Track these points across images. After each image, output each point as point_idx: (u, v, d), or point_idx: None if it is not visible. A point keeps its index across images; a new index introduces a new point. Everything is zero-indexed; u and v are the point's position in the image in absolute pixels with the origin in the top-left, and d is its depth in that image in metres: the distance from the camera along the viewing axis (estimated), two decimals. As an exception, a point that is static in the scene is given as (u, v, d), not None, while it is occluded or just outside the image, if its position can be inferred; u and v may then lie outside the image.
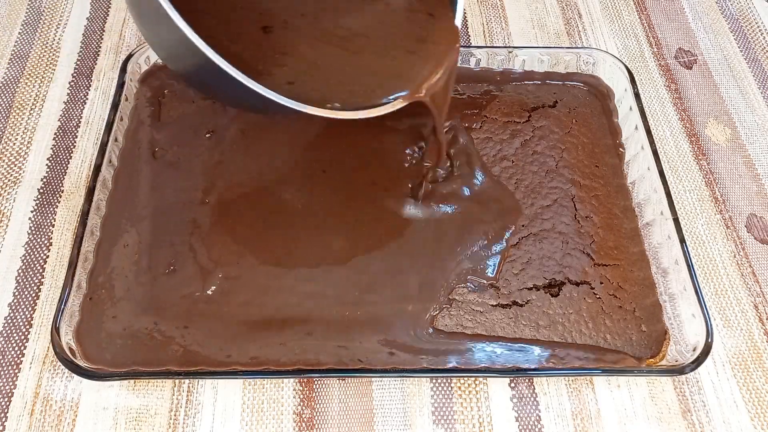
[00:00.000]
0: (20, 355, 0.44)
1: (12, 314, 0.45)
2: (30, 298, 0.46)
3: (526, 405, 0.43)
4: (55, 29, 0.61)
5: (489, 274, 0.46)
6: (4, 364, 0.44)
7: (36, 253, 0.48)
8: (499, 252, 0.47)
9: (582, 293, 0.46)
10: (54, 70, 0.58)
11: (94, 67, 0.59)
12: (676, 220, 0.46)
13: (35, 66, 0.58)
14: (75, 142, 0.54)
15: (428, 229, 0.47)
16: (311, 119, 0.38)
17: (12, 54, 0.59)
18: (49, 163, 0.53)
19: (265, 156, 0.51)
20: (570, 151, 0.52)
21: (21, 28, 0.61)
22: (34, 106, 0.56)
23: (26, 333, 0.45)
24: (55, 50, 0.60)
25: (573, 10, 0.65)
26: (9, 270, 0.47)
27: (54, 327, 0.40)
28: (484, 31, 0.63)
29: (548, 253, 0.47)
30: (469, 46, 0.55)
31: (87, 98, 0.56)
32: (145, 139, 0.51)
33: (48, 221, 0.50)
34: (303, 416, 0.42)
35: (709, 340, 0.41)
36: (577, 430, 0.42)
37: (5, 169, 0.52)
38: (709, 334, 0.41)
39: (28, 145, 0.53)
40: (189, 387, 0.43)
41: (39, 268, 0.47)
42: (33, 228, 0.49)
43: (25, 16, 0.62)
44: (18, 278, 0.47)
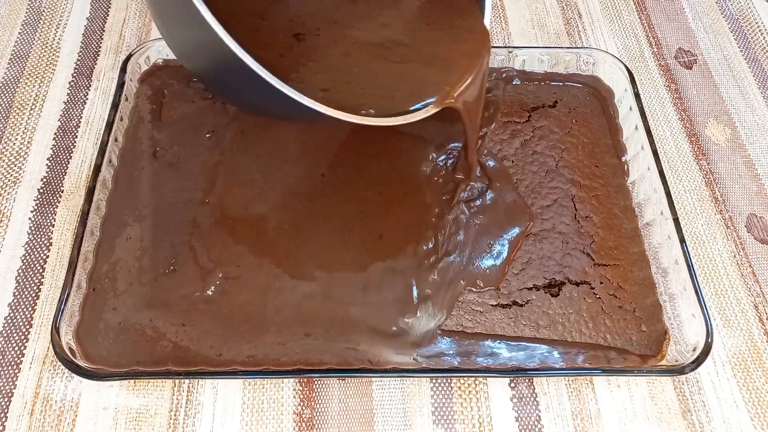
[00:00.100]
0: (20, 355, 0.44)
1: (12, 314, 0.45)
2: (30, 298, 0.46)
3: (526, 405, 0.43)
4: (55, 29, 0.61)
5: (493, 281, 0.46)
6: (4, 364, 0.44)
7: (36, 253, 0.48)
8: (505, 259, 0.47)
9: (582, 293, 0.46)
10: (54, 70, 0.58)
11: (94, 67, 0.59)
12: (676, 220, 0.46)
13: (35, 66, 0.58)
14: (75, 142, 0.54)
15: (436, 234, 0.47)
16: (314, 122, 0.38)
17: (12, 54, 0.59)
18: (49, 163, 0.53)
19: (266, 156, 0.51)
20: (570, 151, 0.52)
21: (21, 28, 0.61)
22: (34, 106, 0.56)
23: (26, 333, 0.45)
24: (55, 50, 0.60)
25: (573, 10, 0.65)
26: (9, 270, 0.47)
27: (54, 327, 0.40)
28: (484, 31, 0.63)
29: (548, 253, 0.47)
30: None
31: (87, 98, 0.57)
32: (145, 139, 0.51)
33: (48, 221, 0.50)
34: (303, 416, 0.42)
35: (709, 340, 0.41)
36: (577, 430, 0.42)
37: (5, 169, 0.52)
38: (709, 334, 0.41)
39: (28, 145, 0.53)
40: (189, 387, 0.43)
41: (39, 268, 0.47)
42: (33, 228, 0.49)
43: (25, 16, 0.62)
44: (18, 278, 0.47)
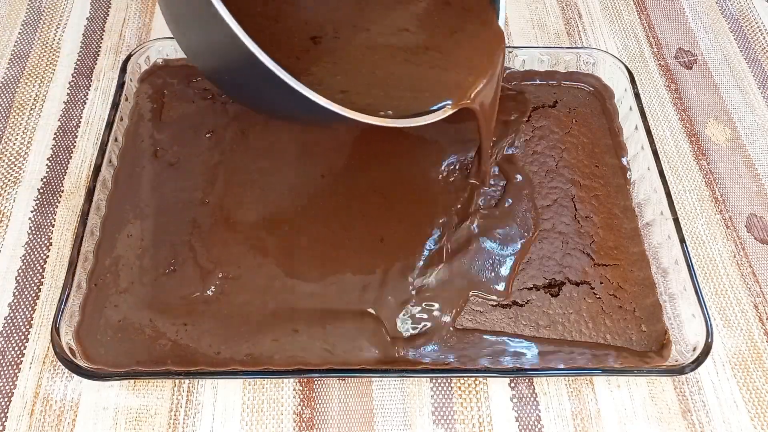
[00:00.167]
0: (20, 355, 0.44)
1: (12, 314, 0.45)
2: (30, 298, 0.46)
3: (526, 405, 0.43)
4: (55, 29, 0.61)
5: (499, 289, 0.46)
6: (4, 364, 0.44)
7: (36, 253, 0.48)
8: (512, 270, 0.46)
9: (582, 293, 0.46)
10: (54, 70, 0.58)
11: (94, 67, 0.59)
12: (676, 220, 0.46)
13: (35, 66, 0.58)
14: (75, 142, 0.54)
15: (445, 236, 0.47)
16: (329, 124, 0.38)
17: (12, 54, 0.59)
18: (49, 163, 0.53)
19: (266, 156, 0.51)
20: (570, 151, 0.52)
21: (21, 28, 0.61)
22: (34, 106, 0.56)
23: (26, 333, 0.45)
24: (55, 50, 0.60)
25: (573, 10, 0.65)
26: (9, 270, 0.47)
27: (54, 327, 0.40)
28: (484, 31, 0.63)
29: (548, 253, 0.47)
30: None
31: (87, 98, 0.57)
32: (145, 139, 0.51)
33: (48, 221, 0.50)
34: (303, 416, 0.42)
35: (709, 340, 0.41)
36: (577, 430, 0.42)
37: (5, 169, 0.52)
38: (709, 334, 0.41)
39: (28, 145, 0.53)
40: (189, 387, 0.43)
41: (39, 268, 0.47)
42: (33, 228, 0.49)
43: (25, 16, 0.62)
44: (18, 278, 0.47)
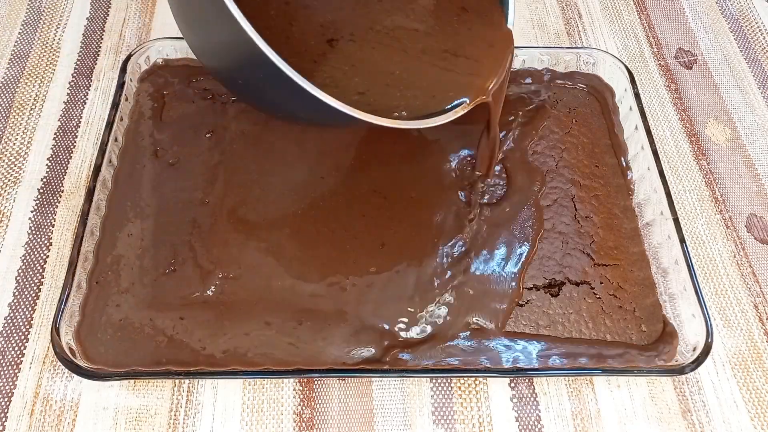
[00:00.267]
0: (20, 355, 0.44)
1: (12, 314, 0.45)
2: (30, 298, 0.46)
3: (526, 405, 0.43)
4: (55, 29, 0.61)
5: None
6: (4, 364, 0.44)
7: (36, 253, 0.48)
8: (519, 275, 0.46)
9: (582, 293, 0.46)
10: (54, 70, 0.58)
11: (94, 67, 0.59)
12: (676, 220, 0.46)
13: (35, 66, 0.58)
14: (75, 142, 0.54)
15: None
16: (342, 125, 0.38)
17: (12, 54, 0.59)
18: (49, 163, 0.53)
19: (266, 156, 0.51)
20: (570, 151, 0.52)
21: (21, 28, 0.61)
22: (34, 106, 0.56)
23: (26, 333, 0.45)
24: (55, 50, 0.60)
25: (573, 10, 0.65)
26: (9, 270, 0.47)
27: (54, 327, 0.40)
28: (484, 31, 0.63)
29: (548, 253, 0.47)
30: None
31: (87, 98, 0.57)
32: (145, 139, 0.51)
33: (48, 221, 0.50)
34: (303, 416, 0.42)
35: (709, 340, 0.41)
36: (577, 430, 0.42)
37: (5, 169, 0.52)
38: (709, 334, 0.41)
39: (28, 145, 0.53)
40: (189, 387, 0.43)
41: (39, 268, 0.47)
42: (33, 228, 0.49)
43: (25, 16, 0.62)
44: (18, 278, 0.47)
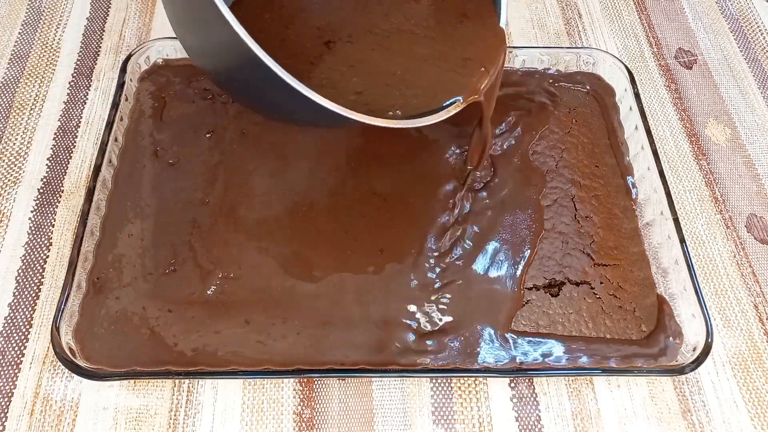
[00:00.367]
0: (20, 355, 0.44)
1: (12, 314, 0.45)
2: (30, 298, 0.46)
3: (526, 405, 0.43)
4: (55, 29, 0.61)
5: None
6: (4, 364, 0.44)
7: (36, 253, 0.48)
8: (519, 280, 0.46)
9: (582, 293, 0.46)
10: (54, 70, 0.58)
11: (94, 67, 0.59)
12: (676, 220, 0.46)
13: (35, 66, 0.58)
14: (75, 142, 0.54)
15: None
16: (337, 126, 0.38)
17: (12, 54, 0.59)
18: (49, 163, 0.53)
19: (266, 156, 0.51)
20: (570, 151, 0.52)
21: (21, 28, 0.61)
22: (34, 106, 0.56)
23: (26, 333, 0.45)
24: (55, 50, 0.60)
25: (573, 10, 0.65)
26: (9, 270, 0.47)
27: (54, 327, 0.40)
28: (484, 31, 0.63)
29: (548, 253, 0.47)
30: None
31: (87, 98, 0.57)
32: (145, 139, 0.51)
33: (48, 221, 0.50)
34: (303, 416, 0.42)
35: (709, 340, 0.41)
36: (577, 430, 0.42)
37: (5, 169, 0.52)
38: (709, 334, 0.41)
39: (28, 145, 0.53)
40: (189, 387, 0.43)
41: (39, 268, 0.47)
42: (33, 228, 0.49)
43: (25, 16, 0.62)
44: (18, 278, 0.47)
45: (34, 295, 0.46)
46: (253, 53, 0.34)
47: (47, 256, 0.48)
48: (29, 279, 0.47)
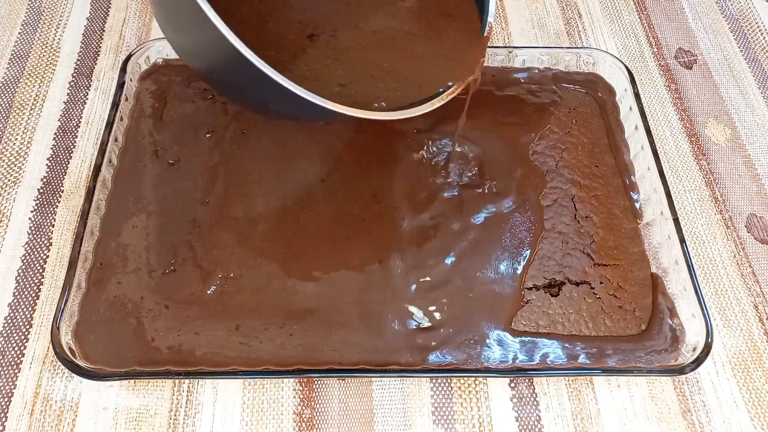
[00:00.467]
0: (20, 355, 0.44)
1: (12, 314, 0.45)
2: (30, 298, 0.46)
3: (526, 405, 0.43)
4: (55, 29, 0.61)
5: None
6: (4, 364, 0.44)
7: (36, 253, 0.48)
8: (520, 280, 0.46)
9: (582, 293, 0.46)
10: (54, 70, 0.58)
11: (94, 67, 0.59)
12: (676, 220, 0.46)
13: (35, 66, 0.58)
14: (75, 142, 0.54)
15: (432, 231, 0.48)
16: (324, 120, 0.39)
17: (12, 54, 0.59)
18: (49, 163, 0.53)
19: (266, 156, 0.51)
20: (570, 151, 0.52)
21: (21, 28, 0.61)
22: (34, 106, 0.56)
23: (26, 333, 0.45)
24: (55, 50, 0.60)
25: (573, 10, 0.65)
26: (9, 270, 0.47)
27: (54, 327, 0.40)
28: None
29: (548, 253, 0.47)
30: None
31: (87, 98, 0.57)
32: (145, 139, 0.51)
33: (48, 221, 0.50)
34: (303, 416, 0.42)
35: (709, 340, 0.41)
36: (577, 430, 0.42)
37: (5, 169, 0.52)
38: (709, 334, 0.41)
39: (28, 145, 0.53)
40: (189, 387, 0.43)
41: (39, 268, 0.47)
42: (33, 228, 0.49)
43: (25, 16, 0.62)
44: (18, 278, 0.47)
45: (34, 295, 0.46)
46: (230, 42, 0.34)
47: (47, 256, 0.48)
48: (29, 279, 0.47)
